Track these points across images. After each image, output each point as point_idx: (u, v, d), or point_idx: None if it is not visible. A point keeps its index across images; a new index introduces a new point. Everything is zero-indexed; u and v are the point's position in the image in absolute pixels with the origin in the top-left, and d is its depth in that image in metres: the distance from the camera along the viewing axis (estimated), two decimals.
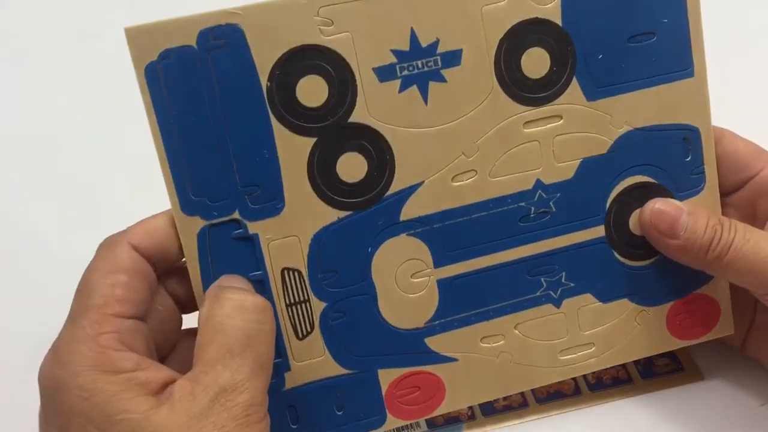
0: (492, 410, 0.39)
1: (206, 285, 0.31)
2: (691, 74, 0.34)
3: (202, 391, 0.27)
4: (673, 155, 0.35)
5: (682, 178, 0.35)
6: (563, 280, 0.35)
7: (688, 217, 0.34)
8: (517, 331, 0.35)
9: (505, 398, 0.39)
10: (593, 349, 0.36)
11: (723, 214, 0.36)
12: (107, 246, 0.30)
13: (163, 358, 0.32)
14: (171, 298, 0.33)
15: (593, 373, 0.39)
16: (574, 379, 0.40)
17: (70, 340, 0.28)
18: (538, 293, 0.35)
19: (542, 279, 0.35)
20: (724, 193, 0.37)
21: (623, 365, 0.40)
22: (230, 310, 0.29)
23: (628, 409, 0.39)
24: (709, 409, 0.38)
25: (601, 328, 0.36)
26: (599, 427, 0.38)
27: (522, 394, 0.39)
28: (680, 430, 0.38)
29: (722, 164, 0.36)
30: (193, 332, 0.31)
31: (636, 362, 0.40)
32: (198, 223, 0.31)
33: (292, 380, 0.33)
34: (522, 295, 0.35)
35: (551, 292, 0.35)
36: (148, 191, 0.44)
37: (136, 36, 0.29)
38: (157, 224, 0.31)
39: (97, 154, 0.50)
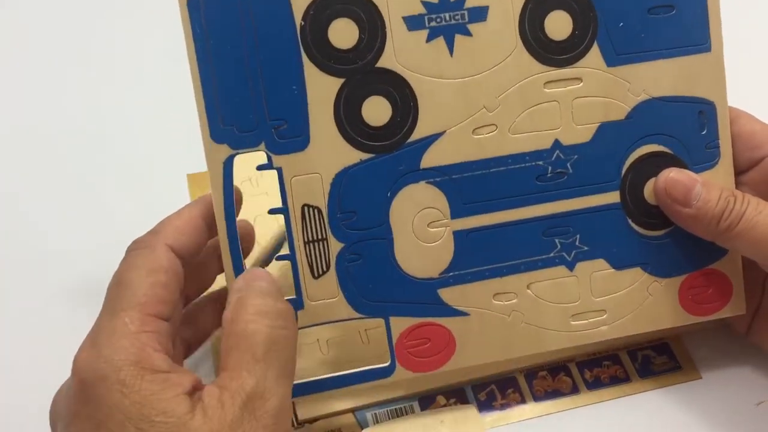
0: (490, 408, 0.39)
1: (228, 213, 0.32)
2: (708, 49, 0.36)
3: (230, 399, 0.27)
4: (689, 128, 0.36)
5: (696, 151, 0.36)
6: (577, 243, 0.36)
7: (701, 188, 0.35)
8: (529, 291, 0.35)
9: (503, 397, 0.39)
10: (605, 316, 0.36)
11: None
12: (144, 245, 0.31)
13: None
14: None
15: (591, 371, 0.40)
16: (571, 377, 0.40)
17: (111, 334, 0.28)
18: (552, 254, 0.35)
19: (556, 240, 0.35)
20: (739, 172, 0.37)
21: (621, 365, 0.40)
22: (253, 315, 0.29)
23: (625, 408, 0.39)
24: (706, 407, 0.38)
25: (613, 295, 0.36)
26: (597, 425, 0.38)
27: (520, 392, 0.39)
28: (678, 428, 0.38)
29: (738, 142, 0.37)
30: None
31: (633, 360, 0.40)
32: (226, 151, 0.32)
33: (304, 319, 0.34)
34: (536, 254, 0.35)
35: (565, 254, 0.36)
36: (147, 192, 0.46)
37: None
38: (188, 221, 0.32)
39: (96, 155, 0.50)
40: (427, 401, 0.38)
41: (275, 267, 0.36)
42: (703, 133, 0.36)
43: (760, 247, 0.34)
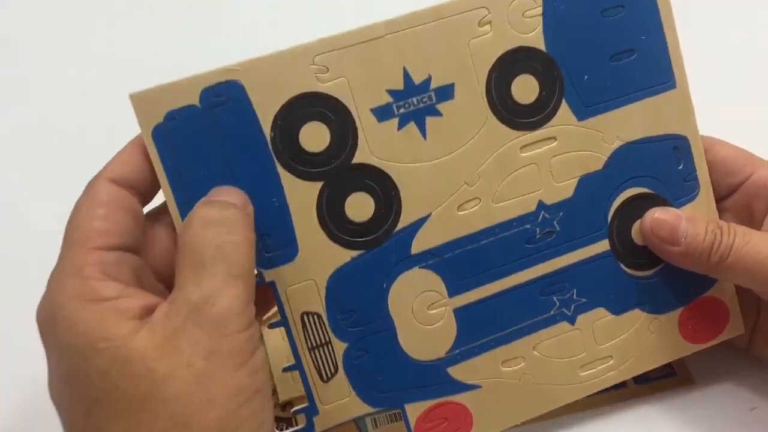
0: None
1: None
2: (673, 86, 0.36)
3: (176, 311, 0.27)
4: (666, 165, 0.36)
5: (676, 186, 0.37)
6: (575, 297, 0.36)
7: (687, 224, 0.35)
8: (536, 352, 0.36)
9: None
10: (612, 361, 0.37)
11: (720, 218, 0.37)
12: (87, 186, 0.31)
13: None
14: (173, 229, 0.32)
15: None
16: None
17: (57, 276, 0.28)
18: (552, 312, 0.36)
19: (554, 298, 0.36)
20: (720, 198, 0.38)
21: None
22: (198, 226, 0.29)
23: (621, 414, 0.39)
24: (700, 413, 0.39)
25: (617, 340, 0.37)
26: (593, 431, 0.39)
27: None
28: None
29: (715, 170, 0.37)
30: None
31: None
32: None
33: (321, 424, 0.34)
34: (537, 315, 0.36)
35: (565, 310, 0.36)
36: None
37: (141, 101, 0.30)
38: (127, 151, 0.31)
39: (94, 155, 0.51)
40: None
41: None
42: (680, 167, 0.36)
43: (751, 276, 0.34)
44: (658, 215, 0.36)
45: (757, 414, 0.39)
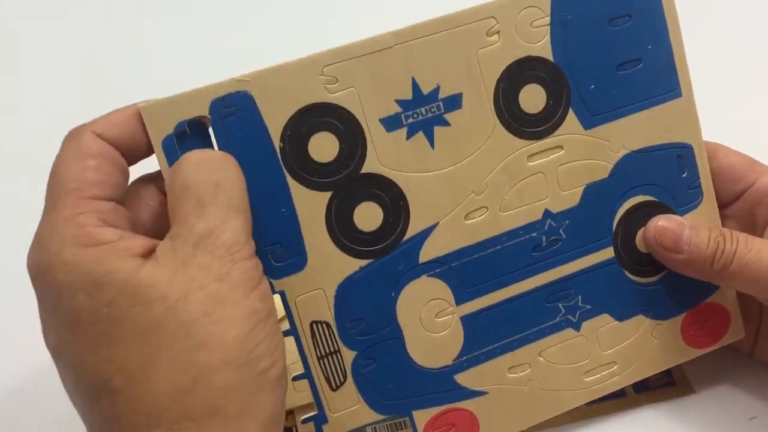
0: None
1: None
2: (678, 94, 0.36)
3: (182, 243, 0.27)
4: (670, 173, 0.37)
5: (680, 194, 0.37)
6: (580, 304, 0.36)
7: (690, 232, 0.35)
8: (541, 359, 0.36)
9: None
10: (615, 367, 0.37)
11: (723, 225, 0.38)
12: (71, 137, 0.30)
13: None
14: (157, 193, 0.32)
15: None
16: None
17: (49, 226, 0.28)
18: (557, 319, 0.36)
19: (560, 305, 0.36)
20: (723, 205, 0.38)
21: None
22: (190, 168, 0.29)
23: (621, 423, 0.40)
24: (699, 422, 0.39)
25: (620, 346, 0.37)
26: None
27: None
28: None
29: (719, 177, 0.37)
30: None
31: None
32: None
33: None
34: (542, 322, 0.36)
35: (570, 317, 0.36)
36: None
37: (151, 112, 0.30)
38: (121, 115, 0.31)
39: None
40: None
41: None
42: (684, 175, 0.37)
43: (754, 283, 0.35)
44: (661, 223, 0.36)
45: (756, 423, 0.39)
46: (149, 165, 0.31)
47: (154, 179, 0.32)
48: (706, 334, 0.38)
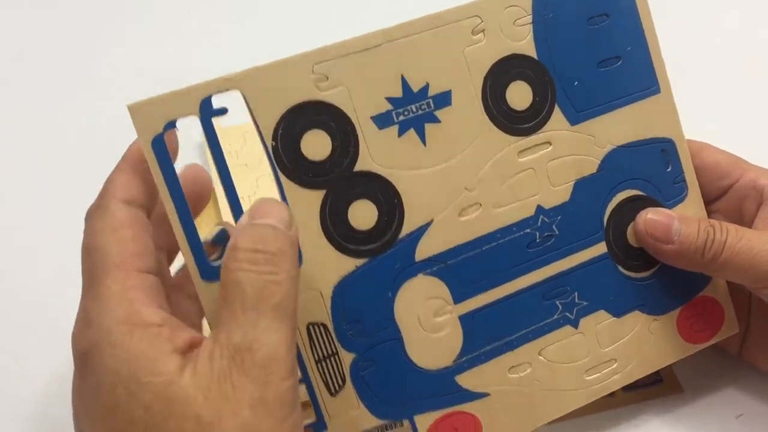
0: None
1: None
2: (657, 91, 0.37)
3: (219, 352, 0.27)
4: (655, 167, 0.37)
5: (666, 188, 0.37)
6: (576, 300, 0.36)
7: (680, 223, 0.36)
8: (542, 357, 0.35)
9: None
10: (615, 365, 0.37)
11: (710, 218, 0.38)
12: (98, 209, 0.30)
13: None
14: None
15: None
16: None
17: (97, 301, 0.28)
18: (555, 316, 0.36)
19: (557, 302, 0.36)
20: (710, 201, 0.39)
21: None
22: (243, 262, 0.28)
23: (609, 421, 0.39)
24: (688, 420, 0.39)
25: (619, 342, 0.37)
26: None
27: None
28: None
29: (705, 174, 0.38)
30: None
31: None
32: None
33: None
34: (541, 320, 0.36)
35: (567, 314, 0.36)
36: None
37: (139, 111, 0.30)
38: (130, 172, 0.31)
39: (75, 159, 0.52)
40: None
41: None
42: (669, 170, 0.37)
43: (746, 272, 0.35)
44: (650, 215, 0.36)
45: (743, 421, 0.39)
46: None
47: None
48: (702, 329, 0.38)
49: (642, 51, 0.37)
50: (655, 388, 0.41)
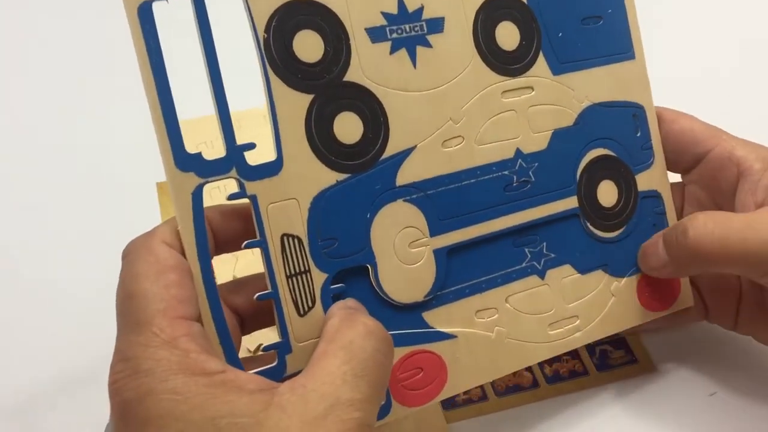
0: (452, 403, 0.39)
1: (201, 249, 0.28)
2: (632, 56, 0.38)
3: (319, 398, 0.25)
4: (627, 131, 0.38)
5: (635, 152, 0.38)
6: (544, 251, 0.35)
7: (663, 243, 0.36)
8: (508, 305, 0.34)
9: (465, 392, 0.38)
10: (577, 322, 0.36)
11: (687, 191, 0.39)
12: (142, 248, 0.28)
13: None
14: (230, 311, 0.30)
15: (550, 365, 0.41)
16: (531, 371, 0.40)
17: (144, 348, 0.26)
18: (524, 264, 0.35)
19: (526, 250, 0.35)
20: (686, 169, 0.39)
21: (579, 359, 0.41)
22: (363, 332, 0.28)
23: (584, 401, 0.39)
24: (662, 399, 0.40)
25: (582, 300, 0.36)
26: (557, 418, 0.39)
27: (482, 387, 0.40)
28: (635, 419, 0.39)
29: (680, 140, 0.38)
30: None
31: (591, 354, 0.42)
32: (193, 180, 0.28)
33: (293, 364, 0.30)
34: (509, 266, 0.35)
35: (535, 263, 0.35)
36: (116, 202, 0.47)
37: None
38: (175, 224, 0.29)
39: (63, 163, 0.51)
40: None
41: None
42: (638, 135, 0.38)
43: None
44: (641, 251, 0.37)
45: (715, 399, 0.39)
46: None
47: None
48: (661, 298, 0.38)
49: (621, 15, 0.38)
50: (629, 368, 0.41)
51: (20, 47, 0.60)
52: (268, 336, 0.31)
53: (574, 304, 0.36)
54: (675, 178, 0.40)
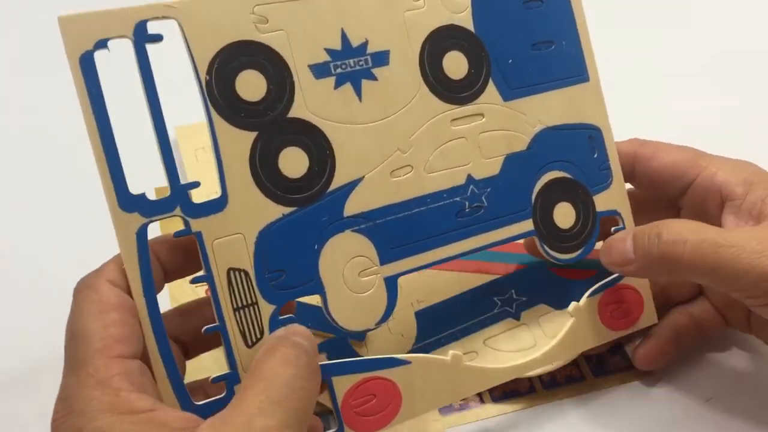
0: (449, 408, 0.39)
1: (146, 287, 0.29)
2: (586, 79, 0.38)
3: (234, 431, 0.26)
4: (583, 152, 0.38)
5: (592, 174, 0.38)
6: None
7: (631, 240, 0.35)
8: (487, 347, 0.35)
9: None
10: (537, 344, 0.36)
11: (679, 215, 0.39)
12: (86, 288, 0.29)
13: None
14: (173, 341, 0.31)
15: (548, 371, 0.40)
16: (529, 378, 0.40)
17: (79, 388, 0.27)
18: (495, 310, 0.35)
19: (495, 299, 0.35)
20: (675, 198, 0.39)
21: (576, 365, 0.41)
22: (281, 360, 0.29)
23: (581, 406, 0.40)
24: (658, 404, 0.40)
25: (541, 318, 0.37)
26: (554, 423, 0.39)
27: (478, 393, 0.39)
28: (632, 424, 0.39)
29: (663, 175, 0.39)
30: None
31: (588, 360, 0.41)
32: (138, 220, 0.29)
33: None
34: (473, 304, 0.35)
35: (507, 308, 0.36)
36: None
37: (70, 25, 0.28)
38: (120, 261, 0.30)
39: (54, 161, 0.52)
40: None
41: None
42: (595, 156, 0.38)
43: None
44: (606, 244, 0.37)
45: (713, 404, 0.39)
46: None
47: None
48: (622, 316, 0.38)
49: (573, 39, 0.38)
50: (625, 374, 0.41)
51: (20, 47, 0.62)
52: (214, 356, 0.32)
53: (533, 326, 0.36)
54: None
